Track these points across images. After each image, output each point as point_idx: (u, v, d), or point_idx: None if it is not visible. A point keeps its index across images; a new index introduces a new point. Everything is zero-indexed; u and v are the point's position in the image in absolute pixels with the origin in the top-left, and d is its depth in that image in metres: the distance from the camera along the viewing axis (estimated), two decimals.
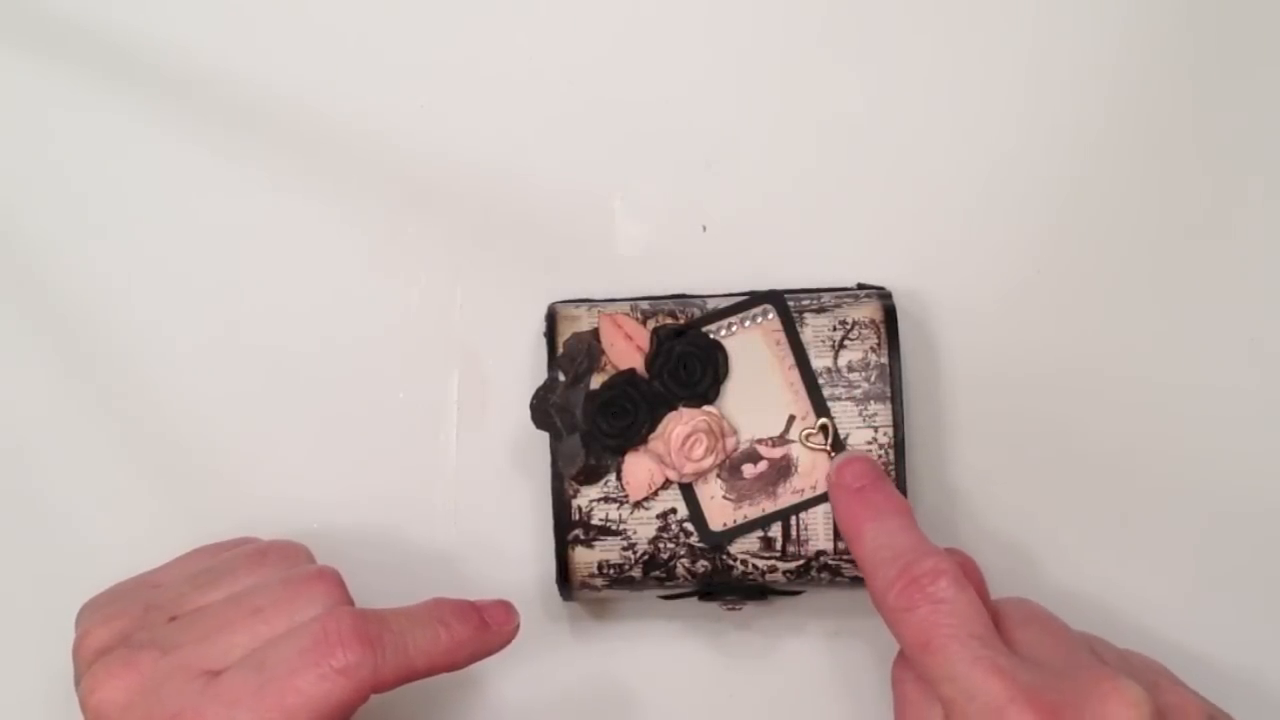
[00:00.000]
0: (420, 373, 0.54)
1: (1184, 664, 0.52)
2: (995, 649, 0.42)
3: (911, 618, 0.43)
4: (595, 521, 0.50)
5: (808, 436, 0.49)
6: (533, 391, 0.50)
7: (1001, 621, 0.45)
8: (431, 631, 0.45)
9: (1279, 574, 0.53)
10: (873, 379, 0.50)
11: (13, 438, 0.54)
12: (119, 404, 0.54)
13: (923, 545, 0.45)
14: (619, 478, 0.49)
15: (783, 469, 0.49)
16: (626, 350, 0.50)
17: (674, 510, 0.50)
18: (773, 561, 0.50)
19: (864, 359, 0.50)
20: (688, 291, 0.52)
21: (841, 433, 0.49)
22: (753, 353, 0.50)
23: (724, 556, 0.50)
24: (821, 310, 0.50)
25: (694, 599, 0.51)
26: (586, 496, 0.50)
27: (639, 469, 0.49)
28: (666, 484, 0.49)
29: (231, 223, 0.54)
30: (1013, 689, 0.41)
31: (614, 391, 0.50)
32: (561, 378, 0.50)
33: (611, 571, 0.50)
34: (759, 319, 0.50)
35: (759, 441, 0.50)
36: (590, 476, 0.50)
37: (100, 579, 0.53)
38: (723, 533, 0.49)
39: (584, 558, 0.50)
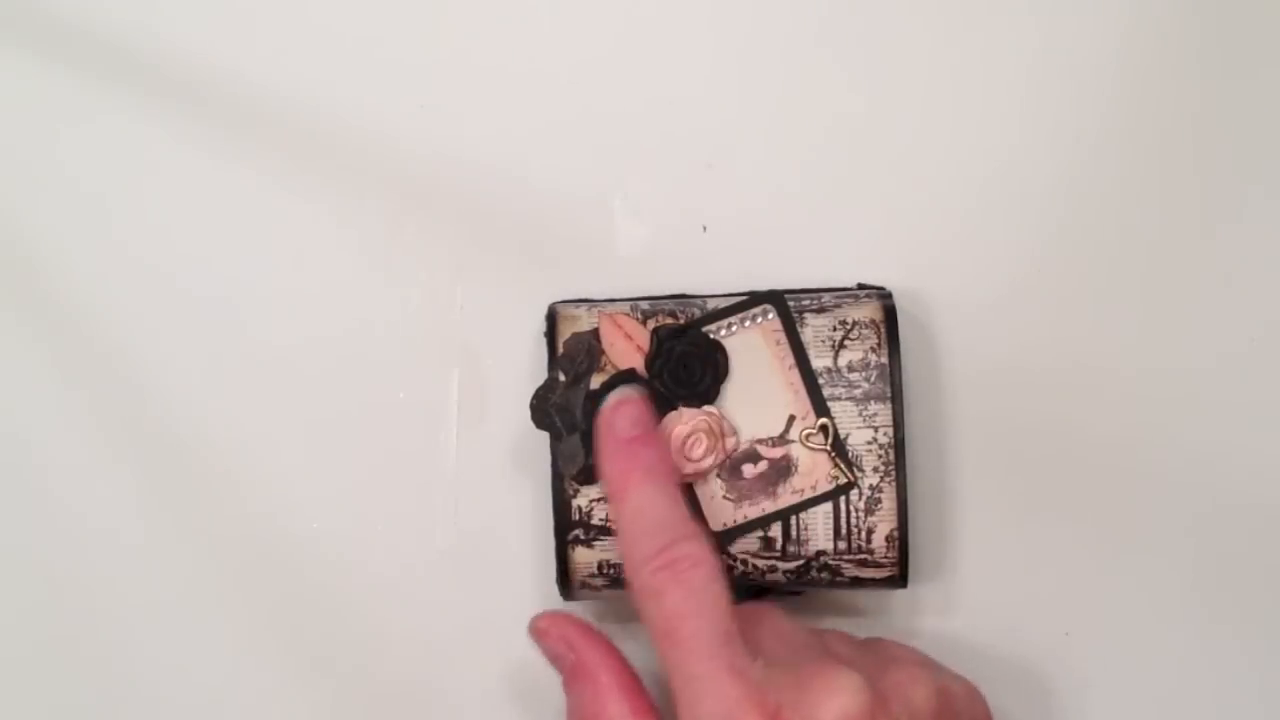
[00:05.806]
0: (420, 373, 0.54)
1: (1182, 659, 0.52)
2: (734, 648, 0.42)
3: (662, 602, 0.43)
4: (595, 521, 0.50)
5: (808, 436, 0.49)
6: (533, 391, 0.50)
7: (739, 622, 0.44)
8: None
9: (1278, 571, 0.53)
10: (873, 379, 0.50)
11: (9, 437, 0.54)
12: (117, 403, 0.54)
13: (686, 525, 0.44)
14: None
15: (783, 469, 0.49)
16: (626, 350, 0.50)
17: None
18: (773, 561, 0.50)
19: (864, 359, 0.50)
20: (688, 291, 0.52)
21: (841, 433, 0.49)
22: (753, 353, 0.50)
23: (724, 556, 0.50)
24: (821, 310, 0.50)
25: None
26: (586, 496, 0.50)
27: None
28: None
29: (231, 222, 0.54)
30: (742, 689, 0.41)
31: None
32: (561, 378, 0.50)
33: (612, 571, 0.50)
34: (759, 319, 0.50)
35: (759, 441, 0.49)
36: (590, 476, 0.49)
37: (97, 579, 0.53)
38: (723, 533, 0.49)
39: (584, 558, 0.50)
